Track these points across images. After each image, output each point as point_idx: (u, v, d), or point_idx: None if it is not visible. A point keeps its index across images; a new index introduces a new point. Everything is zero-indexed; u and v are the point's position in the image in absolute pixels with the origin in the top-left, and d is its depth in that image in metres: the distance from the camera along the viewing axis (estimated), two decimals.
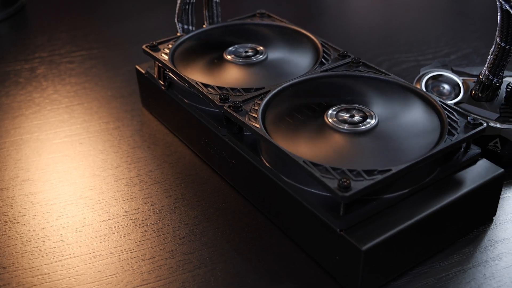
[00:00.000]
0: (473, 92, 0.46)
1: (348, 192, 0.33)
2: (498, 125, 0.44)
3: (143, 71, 0.52)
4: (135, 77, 0.55)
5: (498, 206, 0.42)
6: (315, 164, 0.35)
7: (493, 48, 0.43)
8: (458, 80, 0.48)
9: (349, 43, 0.66)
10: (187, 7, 0.51)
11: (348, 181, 0.34)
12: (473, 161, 0.40)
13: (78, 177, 0.46)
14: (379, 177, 0.34)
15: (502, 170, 0.39)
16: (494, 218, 0.41)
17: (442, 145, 0.37)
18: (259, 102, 0.42)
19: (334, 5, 0.78)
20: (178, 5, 0.51)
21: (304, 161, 0.36)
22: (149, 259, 0.39)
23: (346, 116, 0.40)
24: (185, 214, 0.42)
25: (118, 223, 0.42)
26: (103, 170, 0.47)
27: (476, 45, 0.63)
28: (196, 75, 0.47)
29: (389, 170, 0.35)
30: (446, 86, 0.48)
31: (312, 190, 0.37)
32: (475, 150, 0.40)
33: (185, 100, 0.47)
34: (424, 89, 0.48)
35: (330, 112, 0.41)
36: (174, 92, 0.48)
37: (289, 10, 0.75)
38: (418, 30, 0.68)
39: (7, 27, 0.73)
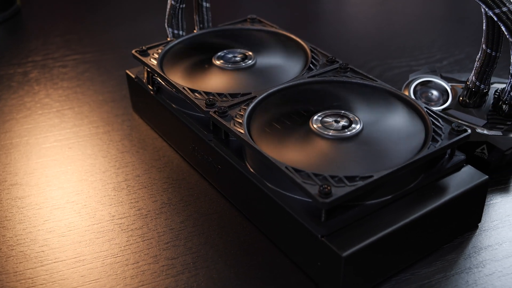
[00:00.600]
0: (461, 98, 0.46)
1: (329, 198, 0.33)
2: (485, 132, 0.44)
3: (133, 76, 0.52)
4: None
5: (484, 213, 0.42)
6: (297, 170, 0.35)
7: (479, 54, 0.43)
8: (447, 86, 0.48)
9: (343, 48, 0.66)
10: (176, 12, 0.51)
11: (329, 188, 0.34)
12: (457, 167, 0.40)
13: (65, 181, 0.47)
14: (360, 183, 0.34)
15: (487, 177, 0.39)
16: (479, 224, 0.41)
17: (425, 152, 0.37)
18: (245, 107, 0.42)
19: (329, 10, 0.78)
20: (167, 10, 0.51)
21: (286, 167, 0.36)
22: (132, 264, 0.39)
23: (331, 122, 0.40)
24: (171, 219, 0.42)
25: (103, 227, 0.42)
26: (91, 175, 0.47)
27: (469, 51, 0.63)
28: (185, 80, 0.47)
29: (371, 176, 0.35)
30: (435, 92, 0.48)
31: (295, 196, 0.37)
32: (459, 156, 0.40)
33: (173, 105, 0.47)
34: (412, 95, 0.48)
35: (315, 118, 0.41)
36: (163, 97, 0.48)
37: (284, 15, 0.76)
38: (411, 36, 0.68)
39: (2, 31, 0.73)
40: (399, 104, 0.42)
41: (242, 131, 0.39)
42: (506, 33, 0.38)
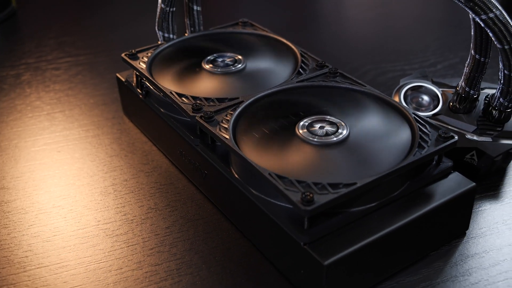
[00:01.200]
0: (451, 103, 0.46)
1: (311, 206, 0.33)
2: (475, 138, 0.44)
3: (123, 79, 0.52)
4: None
5: (472, 220, 0.41)
6: (280, 177, 0.35)
7: (468, 60, 0.42)
8: (437, 92, 0.47)
9: (338, 51, 0.66)
10: (166, 15, 0.50)
11: (311, 195, 0.33)
12: (445, 174, 0.39)
13: (53, 185, 0.46)
14: (343, 190, 0.34)
15: (474, 184, 0.39)
16: (467, 232, 0.40)
17: (410, 159, 0.36)
18: (231, 112, 0.41)
19: (325, 14, 0.78)
20: (157, 13, 0.51)
21: (269, 173, 0.35)
22: (116, 270, 0.39)
23: (317, 127, 0.40)
24: (156, 224, 0.42)
25: (88, 232, 0.42)
26: (78, 179, 0.47)
27: (463, 55, 0.62)
28: (174, 84, 0.47)
29: (354, 183, 0.34)
30: (425, 97, 0.48)
31: (279, 203, 0.36)
32: (447, 163, 0.39)
33: (161, 110, 0.47)
34: (403, 100, 0.47)
35: (301, 123, 0.40)
36: (151, 101, 0.48)
37: (280, 18, 0.75)
38: (406, 40, 0.68)
39: None
40: (387, 109, 0.42)
41: (227, 137, 0.39)
42: (494, 39, 0.38)
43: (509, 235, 0.40)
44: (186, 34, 0.54)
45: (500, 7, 0.36)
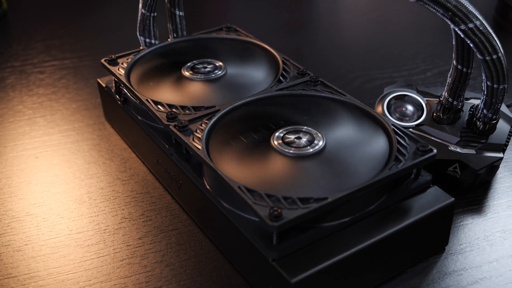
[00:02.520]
0: (434, 114, 0.45)
1: (278, 222, 0.32)
2: (458, 150, 0.43)
3: (104, 85, 0.51)
4: None
5: (452, 235, 0.40)
6: (250, 190, 0.34)
7: (451, 71, 0.41)
8: (422, 101, 0.46)
9: (326, 57, 0.65)
10: (147, 20, 0.50)
11: (279, 210, 0.32)
12: (423, 188, 0.38)
13: (28, 192, 0.46)
14: (314, 206, 0.33)
15: (453, 199, 0.37)
16: (446, 248, 0.39)
17: (385, 173, 0.35)
18: (206, 121, 0.41)
19: (317, 18, 0.77)
20: (138, 18, 0.50)
21: (239, 186, 0.34)
22: (84, 281, 0.38)
23: (292, 138, 0.39)
24: (129, 235, 0.41)
25: (60, 242, 0.41)
26: (54, 186, 0.46)
27: None
28: (152, 91, 0.46)
29: (325, 198, 0.33)
30: (410, 107, 0.47)
31: (249, 217, 0.36)
32: (426, 177, 0.38)
33: (139, 117, 0.46)
34: (386, 109, 0.46)
35: (276, 134, 0.39)
36: (129, 108, 0.47)
37: (272, 23, 0.74)
38: (397, 46, 0.66)
39: None
40: (366, 120, 0.41)
41: (199, 147, 0.38)
42: (475, 50, 0.36)
43: (489, 252, 0.39)
44: (169, 39, 0.53)
45: (480, 17, 0.35)
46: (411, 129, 0.45)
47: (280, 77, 0.45)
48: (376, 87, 0.58)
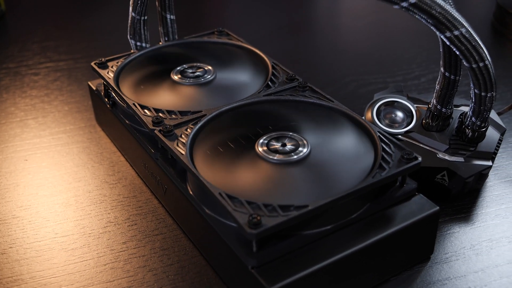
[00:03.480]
0: (423, 121, 0.44)
1: (257, 229, 0.32)
2: (446, 157, 0.42)
3: (94, 88, 0.51)
4: None
5: (438, 244, 0.40)
6: (230, 197, 0.34)
7: (439, 78, 0.41)
8: (412, 108, 0.46)
9: (320, 61, 0.65)
10: (138, 24, 0.49)
11: (258, 217, 0.32)
12: (408, 196, 0.38)
13: (15, 195, 0.46)
14: (294, 213, 0.33)
15: (437, 208, 0.37)
16: (431, 256, 0.39)
17: (368, 181, 0.35)
18: (192, 126, 0.40)
19: (314, 22, 0.77)
20: (129, 22, 0.50)
21: (220, 193, 0.34)
22: (66, 285, 0.38)
23: (277, 145, 0.38)
24: (113, 239, 0.41)
25: (46, 245, 0.41)
26: (42, 189, 0.46)
27: None
28: (141, 95, 0.46)
29: (306, 206, 0.33)
30: (399, 114, 0.46)
31: (230, 223, 0.35)
32: (411, 185, 0.38)
33: (126, 121, 0.46)
34: (375, 116, 0.46)
35: (261, 140, 0.39)
36: (117, 111, 0.47)
37: (268, 26, 0.74)
38: (393, 50, 0.66)
39: None
40: (352, 127, 0.40)
41: (183, 152, 0.38)
42: (461, 58, 0.36)
43: (475, 261, 0.38)
44: (160, 43, 0.53)
45: (466, 24, 0.35)
46: (400, 136, 0.44)
47: (269, 82, 0.45)
48: (370, 92, 0.57)
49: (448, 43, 0.35)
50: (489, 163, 0.42)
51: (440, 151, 0.43)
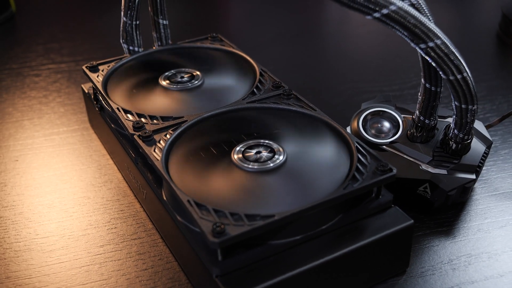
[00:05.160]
0: (408, 132, 0.44)
1: (220, 238, 0.32)
2: (429, 169, 0.41)
3: (86, 91, 0.52)
4: None
5: (416, 257, 0.39)
6: (199, 205, 0.34)
7: (420, 89, 0.40)
8: (399, 118, 0.45)
9: (317, 68, 0.64)
10: (130, 28, 0.50)
11: (222, 226, 0.32)
12: (383, 208, 0.37)
13: (1, 195, 0.46)
14: (259, 223, 0.32)
15: (411, 221, 0.36)
16: (408, 269, 0.38)
17: (339, 192, 0.34)
18: (171, 132, 0.41)
19: (314, 29, 0.76)
20: (121, 26, 0.50)
21: (188, 200, 0.34)
22: (41, 287, 0.38)
23: (252, 153, 0.38)
24: (92, 242, 0.41)
25: (25, 246, 0.41)
26: (29, 190, 0.47)
27: None
28: (128, 99, 0.46)
29: (272, 216, 0.33)
30: (386, 124, 0.46)
31: (199, 231, 0.35)
32: (387, 197, 0.37)
33: (112, 125, 0.46)
34: (361, 125, 0.45)
35: (237, 148, 0.39)
36: (105, 115, 0.48)
37: (269, 31, 0.74)
38: (391, 59, 0.65)
39: None
40: (332, 137, 0.40)
41: (158, 158, 0.38)
42: (438, 69, 0.35)
43: (451, 276, 0.38)
44: (154, 47, 0.53)
45: (441, 36, 0.34)
46: (384, 146, 0.44)
47: (254, 89, 0.45)
48: (364, 100, 0.56)
49: (423, 54, 0.35)
50: (473, 176, 0.41)
51: (424, 162, 0.42)
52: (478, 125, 0.44)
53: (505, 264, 0.38)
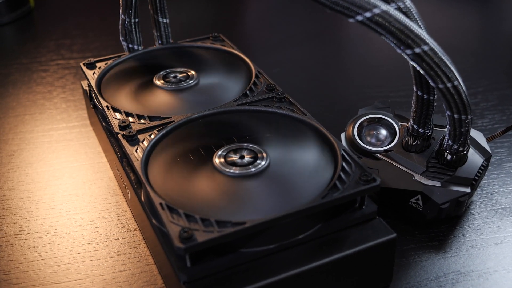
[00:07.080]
0: (404, 141, 0.42)
1: (186, 244, 0.31)
2: (422, 181, 0.40)
3: (84, 88, 0.52)
4: None
5: (402, 272, 0.37)
6: (171, 208, 0.33)
7: (413, 97, 0.39)
8: (396, 126, 0.44)
9: (323, 72, 0.63)
10: (129, 26, 0.49)
11: (190, 232, 0.31)
12: (366, 219, 0.36)
13: None
14: (228, 230, 0.31)
15: (394, 234, 0.35)
16: (391, 284, 0.37)
17: (316, 201, 0.33)
18: (156, 132, 0.40)
19: (323, 32, 0.74)
20: (120, 24, 0.50)
21: (160, 203, 0.33)
22: (18, 284, 0.38)
23: (234, 157, 0.37)
24: (75, 240, 0.41)
25: (8, 242, 0.41)
26: (20, 185, 0.47)
27: None
28: (121, 98, 0.46)
29: (243, 223, 0.32)
30: (382, 131, 0.44)
31: None
32: (371, 207, 0.36)
33: (103, 123, 0.46)
34: (356, 132, 0.44)
35: (220, 152, 0.38)
36: (98, 112, 0.48)
37: (277, 33, 0.73)
38: (399, 65, 0.63)
39: (10, 31, 0.75)
40: (318, 143, 0.39)
41: (138, 158, 0.37)
42: (426, 77, 0.34)
43: None
44: (155, 46, 0.53)
45: (429, 41, 0.32)
46: (378, 155, 0.42)
47: (247, 91, 0.44)
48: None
49: (410, 61, 0.33)
50: (467, 189, 0.39)
51: (417, 173, 0.40)
52: (478, 136, 0.42)
53: (495, 285, 0.36)
